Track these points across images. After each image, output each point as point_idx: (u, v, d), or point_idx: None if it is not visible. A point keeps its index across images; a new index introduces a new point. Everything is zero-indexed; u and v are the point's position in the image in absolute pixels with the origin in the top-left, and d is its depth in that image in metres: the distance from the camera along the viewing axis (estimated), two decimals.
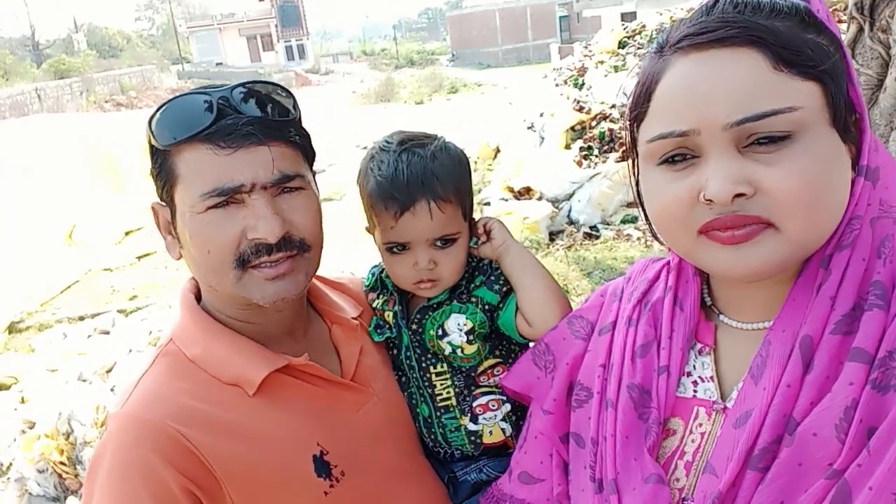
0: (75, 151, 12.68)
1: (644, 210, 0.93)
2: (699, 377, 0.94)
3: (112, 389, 4.96)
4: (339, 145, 15.71)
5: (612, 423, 0.96)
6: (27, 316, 8.18)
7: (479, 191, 9.22)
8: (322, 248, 1.19)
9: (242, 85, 1.12)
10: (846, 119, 0.81)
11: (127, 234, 10.85)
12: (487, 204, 8.18)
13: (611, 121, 9.22)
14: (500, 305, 1.28)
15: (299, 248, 1.12)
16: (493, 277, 1.29)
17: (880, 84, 3.93)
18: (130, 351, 6.35)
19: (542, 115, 10.57)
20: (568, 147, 9.19)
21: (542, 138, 10.04)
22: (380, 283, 1.39)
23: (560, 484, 1.08)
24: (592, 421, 1.00)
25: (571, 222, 7.67)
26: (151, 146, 1.12)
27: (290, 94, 1.17)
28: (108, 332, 7.22)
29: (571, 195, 8.05)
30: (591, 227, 7.41)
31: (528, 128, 10.81)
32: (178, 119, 1.08)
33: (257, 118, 1.08)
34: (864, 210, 0.82)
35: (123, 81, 25.45)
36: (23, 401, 5.91)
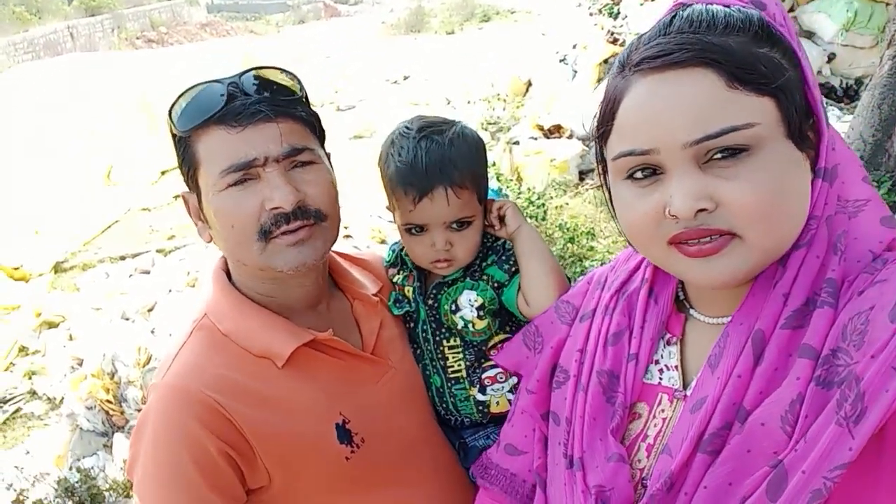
0: (109, 91, 12.80)
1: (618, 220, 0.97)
2: (665, 365, 0.99)
3: (153, 331, 5.17)
4: (369, 79, 15.55)
5: (582, 405, 1.02)
6: (71, 256, 8.47)
7: (509, 129, 9.11)
8: (339, 220, 1.27)
9: (249, 71, 1.21)
10: (801, 127, 0.83)
11: (163, 173, 11.04)
12: (517, 143, 8.09)
13: None
14: (507, 283, 1.34)
15: (316, 217, 1.20)
16: (504, 257, 1.36)
17: None
18: (170, 291, 6.57)
19: (574, 46, 10.28)
20: (600, 81, 8.97)
21: (575, 72, 9.80)
22: (400, 259, 1.46)
23: (540, 457, 1.15)
24: (567, 402, 1.07)
25: None
26: (174, 136, 1.21)
27: (294, 76, 1.25)
28: (148, 272, 7.46)
29: None
30: None
31: (561, 60, 10.54)
32: (193, 107, 1.17)
33: (264, 98, 1.17)
34: (821, 210, 0.85)
35: (153, 17, 25.37)
36: (71, 338, 6.21)
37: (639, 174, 0.86)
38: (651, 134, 0.83)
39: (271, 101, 1.17)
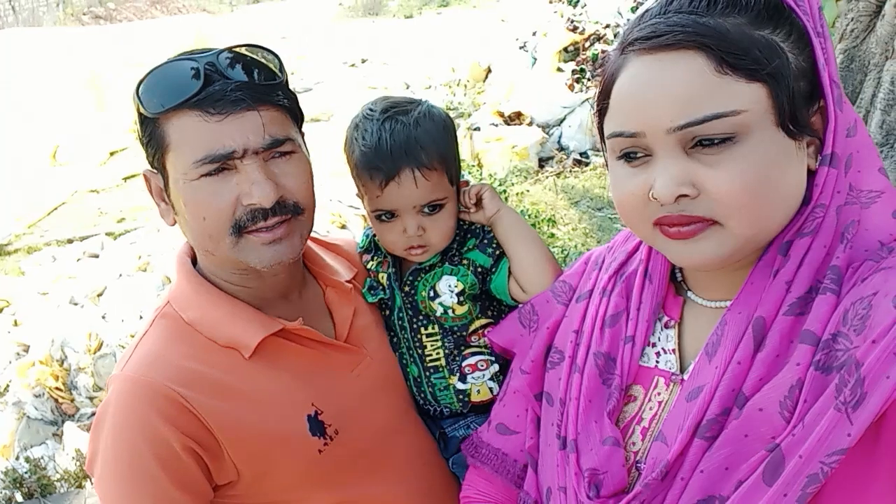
0: (55, 68, 12.32)
1: None
2: (662, 348, 0.99)
3: (104, 316, 5.03)
4: (327, 62, 15.31)
5: (578, 386, 1.02)
6: (15, 238, 8.19)
7: (469, 115, 9.09)
8: (314, 209, 1.21)
9: (229, 49, 1.12)
10: (796, 114, 0.82)
11: (112, 154, 10.71)
12: (477, 129, 8.09)
13: (605, 42, 9.00)
14: (493, 269, 1.31)
15: (293, 211, 1.14)
16: (485, 241, 1.32)
17: (878, 10, 3.86)
18: (120, 275, 6.39)
19: (534, 34, 10.30)
20: (560, 69, 9.01)
21: (535, 59, 9.82)
22: (373, 245, 1.41)
23: (532, 438, 1.14)
24: (562, 382, 1.06)
25: (561, 148, 7.62)
26: (140, 114, 1.12)
27: (276, 57, 1.17)
28: (97, 256, 7.25)
29: (562, 120, 7.96)
30: (580, 154, 7.37)
31: (521, 48, 10.55)
32: (166, 86, 1.08)
33: (245, 83, 1.09)
34: (829, 198, 0.84)
35: None
36: (15, 324, 6.00)
37: (631, 155, 0.86)
38: (638, 117, 0.83)
39: (252, 86, 1.09)
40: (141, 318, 4.90)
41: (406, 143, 1.23)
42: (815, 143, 0.86)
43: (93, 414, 4.25)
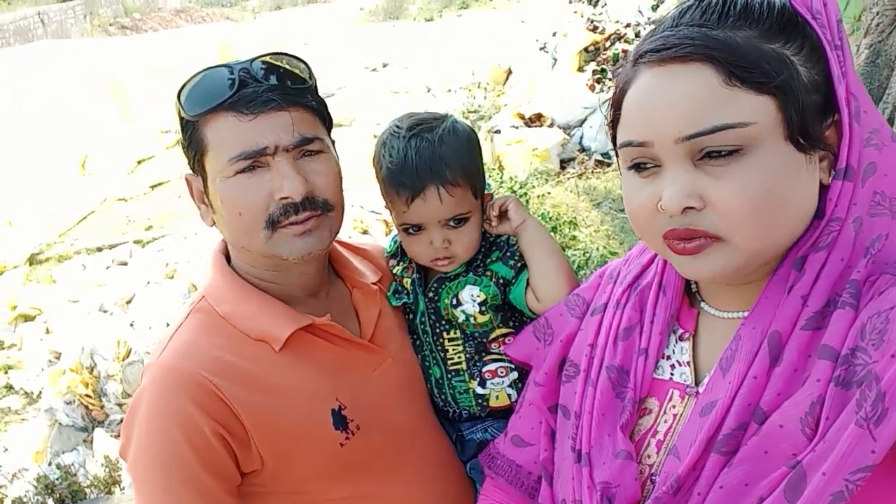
0: (83, 78, 12.56)
1: None
2: (677, 361, 0.98)
3: (132, 324, 5.11)
4: (348, 67, 15.41)
5: (591, 400, 1.02)
6: (46, 247, 8.35)
7: (490, 117, 9.09)
8: (344, 209, 1.27)
9: (261, 58, 1.21)
10: (807, 128, 0.81)
11: (139, 162, 10.90)
12: (498, 132, 8.08)
13: (625, 41, 8.93)
14: (513, 280, 1.33)
15: (323, 207, 1.20)
16: (508, 253, 1.35)
17: None
18: (148, 283, 6.49)
19: (554, 34, 10.27)
20: (581, 70, 8.97)
21: (555, 60, 9.79)
22: (400, 250, 1.45)
23: (546, 450, 1.14)
24: (577, 396, 1.06)
25: (583, 149, 7.58)
26: (181, 118, 1.20)
27: (305, 64, 1.25)
28: (125, 263, 7.37)
29: (583, 121, 7.92)
30: (602, 155, 7.33)
31: (541, 49, 10.53)
32: (204, 91, 1.17)
33: (276, 86, 1.17)
34: (844, 211, 0.83)
35: (127, 3, 24.85)
36: (48, 331, 6.12)
37: (641, 165, 0.87)
38: (647, 127, 0.84)
39: (282, 88, 1.17)
40: (168, 325, 4.97)
41: (431, 160, 1.27)
42: (828, 157, 0.85)
43: (121, 421, 4.33)
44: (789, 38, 0.81)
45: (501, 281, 1.34)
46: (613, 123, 0.92)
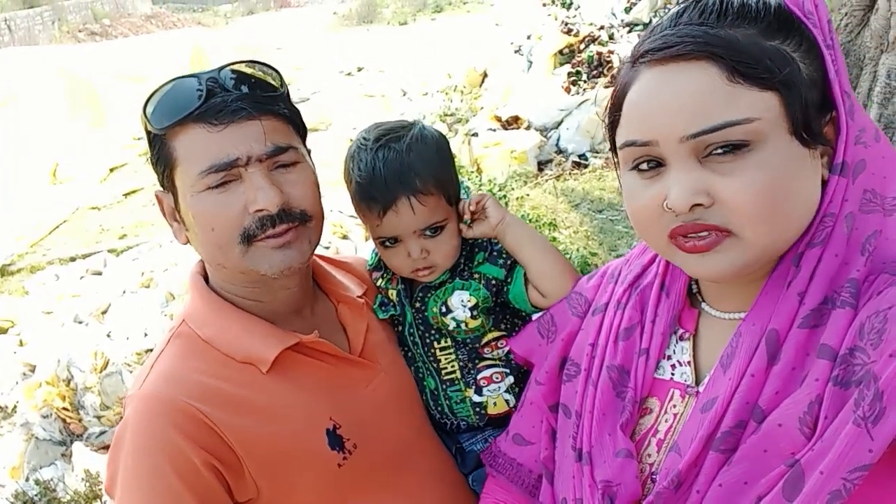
0: (52, 85, 12.35)
1: None
2: (678, 361, 0.99)
3: (108, 335, 5.03)
4: (323, 71, 15.34)
5: (592, 399, 1.02)
6: (18, 258, 8.18)
7: (467, 121, 9.10)
8: (323, 219, 1.23)
9: (230, 66, 1.16)
10: (809, 123, 0.82)
11: (111, 170, 10.72)
12: (475, 135, 8.09)
13: (599, 43, 9.02)
14: (508, 279, 1.31)
15: (300, 218, 1.16)
16: (494, 253, 1.33)
17: (872, 5, 3.87)
18: (124, 292, 6.39)
19: (529, 37, 10.32)
20: (555, 72, 9.03)
21: (530, 62, 9.84)
22: (382, 262, 1.41)
23: (547, 449, 1.15)
24: (578, 395, 1.07)
25: (560, 151, 7.62)
26: (148, 133, 1.15)
27: (276, 71, 1.20)
28: (100, 273, 7.23)
29: (560, 123, 7.96)
30: (579, 156, 7.37)
31: (516, 51, 10.57)
32: (170, 103, 1.11)
33: (246, 94, 1.12)
34: (837, 207, 0.84)
35: (96, 9, 24.48)
36: (21, 344, 5.99)
37: (644, 165, 0.86)
38: (651, 126, 0.83)
39: (253, 97, 1.12)
40: (146, 335, 4.89)
41: (399, 170, 1.23)
42: (828, 154, 0.86)
43: (101, 433, 4.24)
44: (788, 36, 0.82)
45: (493, 282, 1.31)
46: (612, 125, 0.92)
